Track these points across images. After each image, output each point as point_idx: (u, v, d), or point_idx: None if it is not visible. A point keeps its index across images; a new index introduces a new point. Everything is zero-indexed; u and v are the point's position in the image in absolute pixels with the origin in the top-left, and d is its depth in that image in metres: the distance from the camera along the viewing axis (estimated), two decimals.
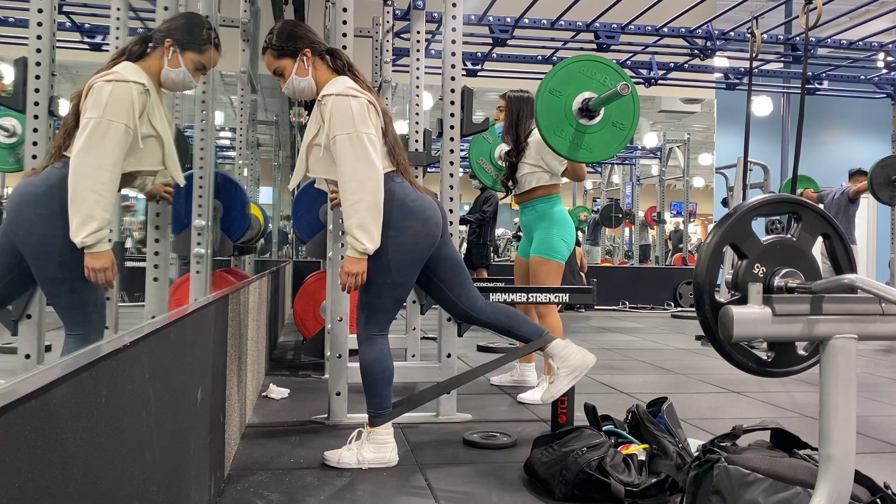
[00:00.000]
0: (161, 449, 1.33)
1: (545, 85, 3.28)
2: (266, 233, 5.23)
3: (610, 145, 3.36)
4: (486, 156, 4.41)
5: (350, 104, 2.31)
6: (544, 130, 3.27)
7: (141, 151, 2.08)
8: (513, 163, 3.77)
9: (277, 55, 2.45)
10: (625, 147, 3.76)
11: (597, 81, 3.29)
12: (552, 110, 3.27)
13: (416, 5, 4.18)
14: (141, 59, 2.13)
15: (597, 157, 3.43)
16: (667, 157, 11.34)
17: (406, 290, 2.50)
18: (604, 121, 3.31)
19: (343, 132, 2.29)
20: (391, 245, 2.35)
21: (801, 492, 1.66)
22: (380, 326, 2.46)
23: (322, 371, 3.95)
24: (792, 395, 3.80)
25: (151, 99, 2.09)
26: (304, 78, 2.45)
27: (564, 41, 6.57)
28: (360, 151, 2.28)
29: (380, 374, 2.44)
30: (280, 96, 8.24)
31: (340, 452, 2.42)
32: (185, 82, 2.19)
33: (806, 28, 3.10)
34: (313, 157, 2.43)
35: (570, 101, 3.28)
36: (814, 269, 1.58)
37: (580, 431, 2.27)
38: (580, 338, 6.17)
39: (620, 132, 3.33)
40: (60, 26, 2.67)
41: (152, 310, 2.27)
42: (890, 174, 6.17)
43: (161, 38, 2.14)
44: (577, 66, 3.33)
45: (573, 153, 3.33)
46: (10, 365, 2.51)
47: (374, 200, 2.28)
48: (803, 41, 5.27)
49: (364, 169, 2.28)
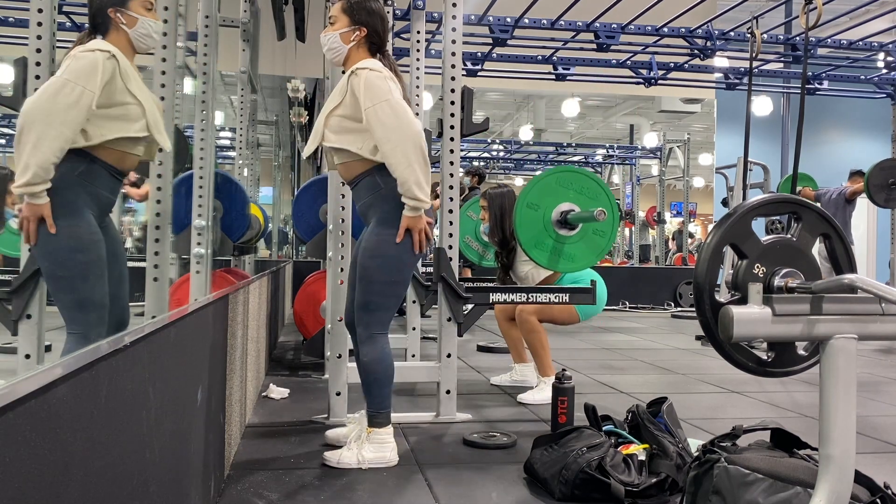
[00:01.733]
0: (161, 449, 1.33)
1: (523, 199, 3.38)
2: (266, 233, 5.23)
3: (591, 253, 3.44)
4: (471, 233, 4.41)
5: (386, 81, 2.35)
6: (525, 244, 3.36)
7: (122, 118, 2.10)
8: (505, 263, 3.79)
9: (345, 10, 2.47)
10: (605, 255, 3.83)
11: (574, 192, 3.38)
12: (531, 224, 3.35)
13: (416, 5, 4.19)
14: (106, 34, 2.18)
15: (578, 266, 3.48)
16: (667, 157, 11.34)
17: (406, 287, 2.53)
18: (583, 231, 3.40)
19: (381, 99, 2.31)
20: (393, 244, 2.38)
21: (801, 492, 1.66)
22: (382, 325, 2.48)
23: (322, 371, 3.95)
24: (792, 395, 3.80)
25: (122, 65, 2.10)
26: (341, 45, 2.46)
27: (564, 41, 6.57)
28: (401, 113, 2.31)
29: (381, 374, 2.45)
30: (280, 96, 8.24)
31: (340, 452, 2.42)
32: (152, 29, 2.22)
33: (806, 28, 3.11)
34: (331, 127, 2.42)
35: (549, 213, 3.37)
36: (814, 269, 1.58)
37: (580, 431, 2.27)
38: (580, 338, 6.17)
39: (601, 240, 3.43)
40: (60, 26, 2.67)
41: (152, 310, 2.27)
42: (888, 177, 6.15)
43: (105, 4, 2.17)
44: (553, 178, 3.42)
45: (553, 264, 3.41)
46: (10, 365, 2.51)
47: (423, 157, 2.32)
48: (803, 41, 5.28)
49: (409, 129, 2.30)
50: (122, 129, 2.10)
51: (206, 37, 2.83)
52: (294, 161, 10.00)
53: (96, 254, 2.12)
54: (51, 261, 2.08)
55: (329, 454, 2.43)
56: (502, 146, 12.60)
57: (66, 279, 2.08)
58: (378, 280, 2.41)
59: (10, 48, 5.62)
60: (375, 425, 2.45)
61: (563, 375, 2.80)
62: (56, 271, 2.08)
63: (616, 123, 13.17)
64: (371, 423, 2.45)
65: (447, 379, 3.06)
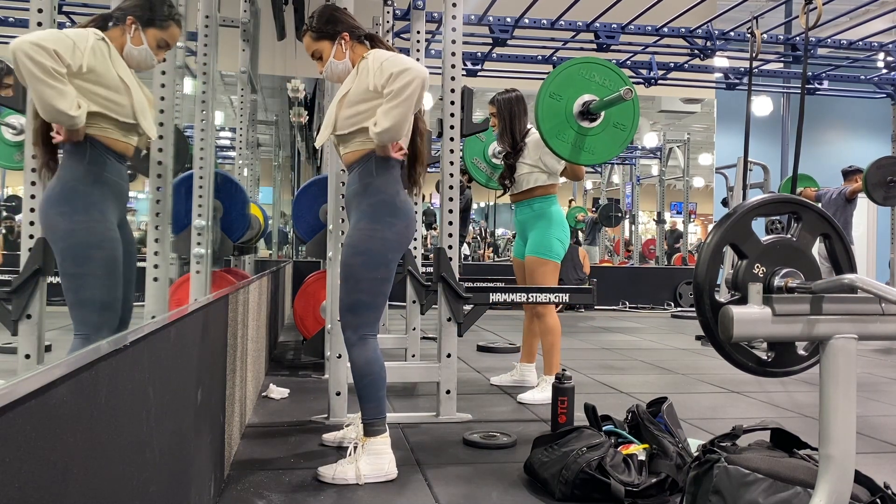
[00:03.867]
0: (161, 449, 1.33)
1: (545, 89, 3.29)
2: (266, 233, 5.23)
3: (611, 147, 3.37)
4: (479, 154, 4.40)
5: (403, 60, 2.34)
6: (546, 134, 3.28)
7: (108, 98, 2.08)
8: (511, 164, 3.77)
9: (316, 37, 2.46)
10: (626, 148, 3.78)
11: (596, 83, 3.30)
12: (553, 114, 3.28)
13: (416, 5, 4.18)
14: (106, 32, 2.16)
15: (598, 158, 3.44)
16: (667, 157, 11.34)
17: (390, 285, 2.44)
18: (604, 123, 3.32)
19: (399, 68, 2.28)
20: (378, 239, 2.33)
21: (801, 492, 1.66)
22: (370, 325, 2.39)
23: (322, 371, 3.95)
24: (792, 395, 3.80)
25: (112, 52, 2.10)
26: (342, 61, 2.45)
27: (564, 41, 6.57)
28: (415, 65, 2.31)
29: (376, 375, 2.37)
30: (280, 96, 8.24)
31: (335, 467, 2.29)
32: (147, 60, 2.20)
33: (806, 28, 3.10)
34: (343, 114, 2.39)
35: (571, 104, 3.29)
36: (814, 269, 1.58)
37: (580, 431, 2.27)
38: (580, 338, 6.17)
39: (621, 133, 3.34)
40: (60, 26, 2.67)
41: (152, 310, 2.27)
42: (886, 175, 6.15)
43: (122, 15, 2.17)
44: (575, 69, 3.33)
45: (575, 156, 3.35)
46: (10, 365, 2.51)
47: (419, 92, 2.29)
48: (803, 41, 5.27)
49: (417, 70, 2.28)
50: (105, 108, 2.08)
51: (206, 37, 2.84)
52: (294, 161, 10.00)
53: (112, 253, 2.11)
54: (67, 257, 2.06)
55: (324, 470, 2.30)
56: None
57: (81, 277, 2.07)
58: (364, 277, 2.34)
59: None
60: (372, 433, 2.33)
61: (563, 375, 2.80)
62: (71, 268, 2.07)
63: None
64: (367, 433, 2.34)
65: (447, 379, 3.06)
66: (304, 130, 9.07)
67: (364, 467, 2.27)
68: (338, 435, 2.67)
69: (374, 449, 2.31)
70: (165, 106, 2.34)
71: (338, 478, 2.26)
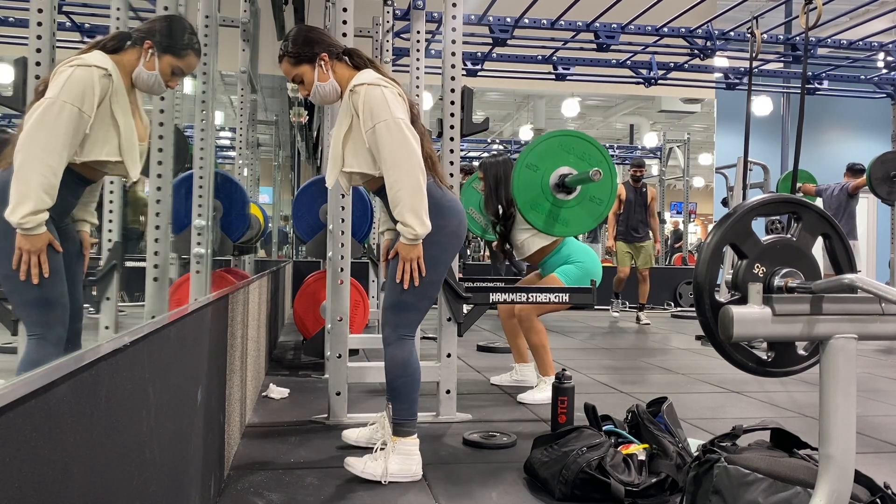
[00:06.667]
0: (161, 449, 1.33)
1: (523, 159, 3.34)
2: (266, 233, 5.23)
3: (586, 220, 3.42)
4: (475, 205, 4.38)
5: (383, 93, 2.27)
6: (521, 206, 3.33)
7: (95, 139, 2.02)
8: (503, 232, 3.76)
9: (294, 62, 2.43)
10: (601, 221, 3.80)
11: (574, 156, 3.34)
12: (529, 186, 3.32)
13: (416, 5, 4.19)
14: (115, 53, 2.10)
15: (572, 231, 3.46)
16: (667, 157, 11.34)
17: (438, 289, 2.43)
18: (580, 196, 3.37)
19: (380, 120, 2.24)
20: (428, 243, 2.29)
21: (801, 492, 1.66)
22: (411, 327, 2.37)
23: (322, 371, 3.95)
24: (792, 395, 3.80)
25: (114, 85, 2.04)
26: (327, 82, 2.41)
27: (564, 41, 6.57)
28: (398, 137, 2.23)
29: (411, 377, 2.35)
30: (280, 96, 8.24)
31: (365, 461, 2.29)
32: (156, 86, 2.15)
33: (806, 28, 3.11)
34: (349, 151, 2.35)
35: (547, 176, 3.33)
36: (814, 269, 1.58)
37: (580, 431, 2.27)
38: (580, 338, 6.17)
39: (597, 207, 3.40)
40: (60, 26, 2.67)
41: (152, 310, 2.27)
42: (889, 170, 6.14)
43: (141, 38, 2.12)
44: (555, 141, 3.38)
45: (549, 228, 3.38)
46: (10, 365, 2.51)
47: (417, 185, 2.22)
48: (803, 41, 5.27)
49: (405, 154, 2.22)
50: (91, 152, 2.03)
51: (206, 37, 2.83)
52: (294, 161, 10.00)
53: (52, 254, 2.03)
54: (4, 262, 1.98)
55: (353, 460, 2.30)
56: (502, 146, 12.60)
57: (22, 280, 1.98)
58: (412, 279, 2.30)
59: (10, 48, 5.62)
60: (402, 434, 2.32)
61: (563, 375, 2.80)
62: (10, 272, 1.98)
63: (616, 123, 13.18)
64: (397, 433, 2.33)
65: (447, 379, 3.06)
66: (304, 130, 9.06)
67: (392, 466, 2.28)
68: (364, 433, 2.63)
69: (403, 449, 2.31)
70: (165, 106, 2.34)
71: (367, 472, 2.27)
